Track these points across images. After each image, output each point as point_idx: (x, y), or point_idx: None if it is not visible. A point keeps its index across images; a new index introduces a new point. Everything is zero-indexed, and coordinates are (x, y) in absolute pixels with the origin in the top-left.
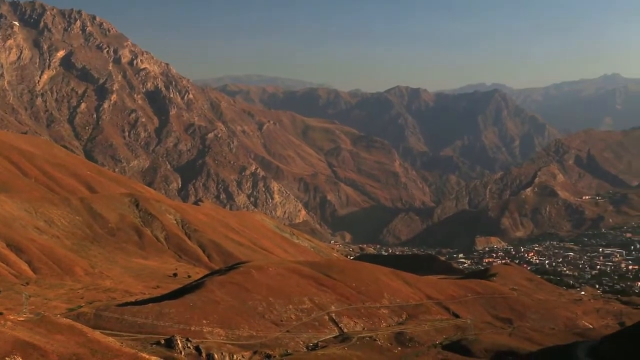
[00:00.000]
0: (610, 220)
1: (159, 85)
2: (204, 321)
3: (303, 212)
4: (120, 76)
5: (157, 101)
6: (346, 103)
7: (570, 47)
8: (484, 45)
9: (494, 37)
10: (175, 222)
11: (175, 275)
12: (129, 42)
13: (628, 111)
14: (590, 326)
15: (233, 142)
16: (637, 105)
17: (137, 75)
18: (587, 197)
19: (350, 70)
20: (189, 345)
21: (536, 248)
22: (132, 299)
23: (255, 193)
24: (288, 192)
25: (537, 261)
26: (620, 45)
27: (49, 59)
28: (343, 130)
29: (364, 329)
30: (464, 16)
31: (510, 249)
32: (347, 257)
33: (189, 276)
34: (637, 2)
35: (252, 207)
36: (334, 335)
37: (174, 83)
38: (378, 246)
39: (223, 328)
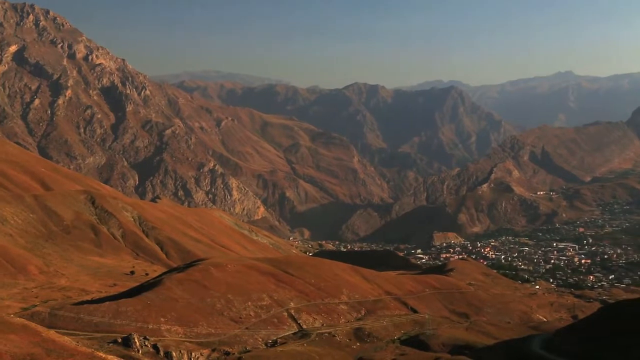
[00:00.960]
0: (564, 215)
1: (115, 81)
2: (162, 319)
3: (262, 208)
4: (75, 72)
5: (113, 97)
6: (304, 99)
7: (525, 45)
8: (441, 43)
9: (451, 34)
10: (132, 219)
11: (132, 273)
12: (83, 37)
13: (581, 108)
14: (545, 319)
15: (191, 139)
16: (590, 102)
17: (92, 71)
18: (541, 193)
19: (309, 67)
20: (146, 343)
21: (492, 243)
22: (89, 298)
23: (213, 190)
24: (247, 189)
25: (493, 256)
26: (573, 43)
27: (1, 54)
28: (301, 126)
29: (323, 325)
30: (421, 14)
31: (467, 244)
32: (306, 253)
33: (147, 274)
34: (588, 1)
35: (211, 204)
36: (293, 332)
37: (130, 79)
38: (337, 242)
39: (181, 326)
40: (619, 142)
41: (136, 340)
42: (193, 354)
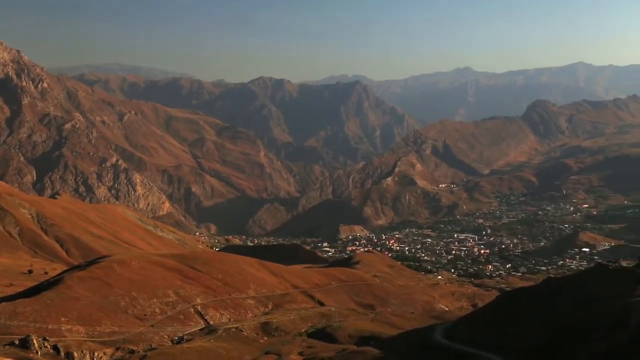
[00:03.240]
0: (464, 207)
1: (10, 73)
2: (63, 319)
3: (167, 204)
4: None
5: (8, 90)
6: (210, 93)
7: (426, 41)
8: (345, 38)
9: (354, 30)
10: (29, 216)
11: (30, 272)
12: None
13: (479, 103)
14: (447, 309)
15: (92, 133)
16: (487, 97)
17: None
18: (443, 186)
19: (213, 61)
20: (46, 344)
21: (397, 235)
22: None
23: (116, 185)
24: (151, 184)
25: (398, 248)
26: (470, 40)
27: None
28: (207, 121)
29: (230, 320)
30: (326, 9)
31: (373, 236)
32: (212, 248)
33: (46, 272)
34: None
35: (114, 199)
36: (199, 328)
37: (26, 71)
38: (244, 237)
39: (83, 325)
40: (515, 136)
41: (35, 342)
42: (96, 353)
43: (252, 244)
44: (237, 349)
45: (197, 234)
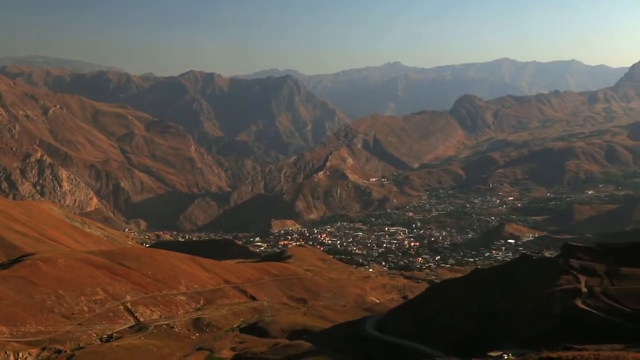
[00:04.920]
0: (395, 200)
1: None
2: None
3: (95, 200)
4: None
5: None
6: (138, 87)
7: (355, 35)
8: (275, 32)
9: (284, 23)
10: None
11: None
12: None
13: (409, 98)
14: (378, 301)
15: (15, 128)
16: (417, 92)
17: None
18: (374, 179)
19: (142, 54)
20: None
21: (328, 229)
22: None
23: (41, 181)
24: (78, 180)
25: (330, 242)
26: (399, 35)
27: None
28: (136, 115)
29: (161, 317)
30: (253, 2)
31: (305, 231)
32: (142, 244)
33: None
34: None
35: (39, 196)
36: (129, 325)
37: None
38: (175, 233)
39: (7, 325)
40: (443, 130)
41: None
42: (20, 354)
43: (183, 240)
44: (169, 345)
45: (127, 230)
